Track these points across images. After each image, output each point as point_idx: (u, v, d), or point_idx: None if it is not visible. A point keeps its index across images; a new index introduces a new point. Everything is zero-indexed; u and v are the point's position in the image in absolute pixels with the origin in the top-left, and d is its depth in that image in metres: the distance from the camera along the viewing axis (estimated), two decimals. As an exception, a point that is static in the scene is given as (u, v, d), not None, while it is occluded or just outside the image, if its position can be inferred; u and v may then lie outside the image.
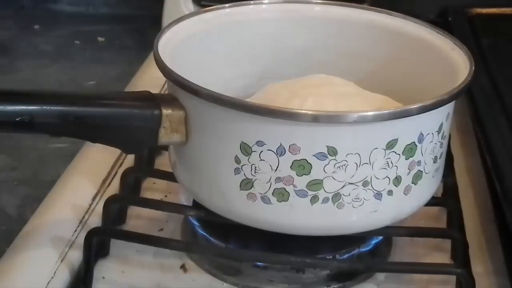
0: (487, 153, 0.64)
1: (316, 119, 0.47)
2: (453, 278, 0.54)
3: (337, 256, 0.55)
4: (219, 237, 0.57)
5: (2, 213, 0.96)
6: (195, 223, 0.58)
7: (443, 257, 0.58)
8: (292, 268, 0.55)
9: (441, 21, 0.96)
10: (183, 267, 0.57)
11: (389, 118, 0.48)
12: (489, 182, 0.64)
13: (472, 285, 0.52)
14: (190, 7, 1.05)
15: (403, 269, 0.56)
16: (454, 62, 0.56)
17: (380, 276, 0.56)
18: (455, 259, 0.57)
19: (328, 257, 0.55)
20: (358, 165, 0.49)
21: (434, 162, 0.53)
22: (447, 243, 0.58)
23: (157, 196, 0.64)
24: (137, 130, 0.51)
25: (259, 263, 0.55)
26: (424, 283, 0.56)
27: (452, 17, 0.94)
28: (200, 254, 0.57)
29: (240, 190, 0.50)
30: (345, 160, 0.48)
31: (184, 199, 0.61)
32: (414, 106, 0.48)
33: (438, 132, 0.52)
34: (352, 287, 0.55)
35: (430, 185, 0.54)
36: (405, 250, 0.58)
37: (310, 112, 0.48)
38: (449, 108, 0.52)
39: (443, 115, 0.52)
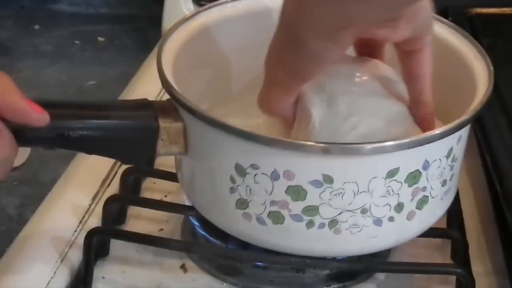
0: (487, 153, 0.64)
1: (314, 150, 0.46)
2: (453, 278, 0.54)
3: (337, 256, 0.55)
4: (219, 237, 0.57)
5: (2, 213, 0.96)
6: (195, 223, 0.58)
7: (443, 257, 0.58)
8: (292, 268, 0.55)
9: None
10: (183, 267, 0.57)
11: (392, 150, 0.46)
12: (489, 182, 0.64)
13: (472, 285, 0.52)
14: (190, 7, 1.04)
15: (403, 269, 0.56)
16: (475, 72, 0.53)
17: (380, 276, 0.56)
18: (455, 259, 0.57)
19: (328, 257, 0.55)
20: (356, 193, 0.47)
21: (442, 186, 0.51)
22: (447, 243, 0.58)
23: (157, 196, 0.64)
24: (134, 142, 0.50)
25: (259, 263, 0.55)
26: (424, 283, 0.56)
27: (452, 17, 0.94)
28: (200, 254, 0.57)
29: (236, 208, 0.50)
30: (342, 188, 0.47)
31: (184, 199, 0.61)
32: (417, 138, 0.46)
33: (447, 156, 0.49)
34: (352, 287, 0.55)
35: (438, 208, 0.52)
36: (405, 250, 0.58)
37: (304, 143, 0.46)
38: (460, 132, 0.50)
39: (453, 140, 0.49)
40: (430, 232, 0.58)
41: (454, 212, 0.60)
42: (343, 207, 0.48)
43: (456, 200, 0.62)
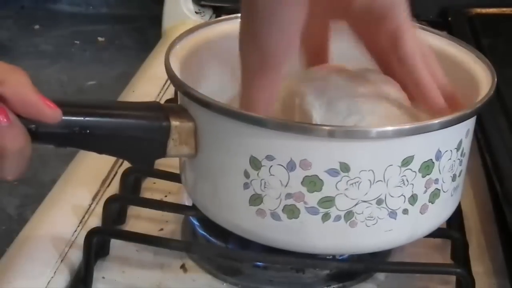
0: (487, 153, 0.64)
1: (331, 134, 0.46)
2: (453, 278, 0.54)
3: (337, 256, 0.55)
4: (219, 237, 0.57)
5: (2, 213, 0.96)
6: (195, 223, 0.58)
7: (443, 257, 0.58)
8: (292, 268, 0.55)
9: (441, 21, 0.96)
10: (183, 267, 0.57)
11: (409, 134, 0.47)
12: (489, 182, 0.64)
13: (472, 285, 0.52)
14: (190, 7, 1.05)
15: (403, 269, 0.56)
16: (476, 75, 0.54)
17: (380, 276, 0.56)
18: (455, 259, 0.57)
19: (328, 257, 0.55)
20: (372, 182, 0.47)
21: (452, 180, 0.51)
22: (447, 243, 0.58)
23: (157, 196, 0.64)
24: (145, 142, 0.50)
25: (259, 263, 0.55)
26: (424, 283, 0.56)
27: (452, 17, 0.94)
28: (200, 254, 0.57)
29: (249, 205, 0.50)
30: (358, 177, 0.47)
31: (184, 199, 0.61)
32: (434, 121, 0.47)
33: (457, 149, 0.50)
34: (352, 287, 0.55)
35: (448, 204, 0.53)
36: (405, 250, 0.58)
37: (325, 127, 0.46)
38: (469, 124, 0.51)
39: (462, 132, 0.50)
40: (430, 232, 0.59)
41: (454, 213, 0.60)
42: (359, 197, 0.48)
43: (456, 200, 0.62)
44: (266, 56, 0.47)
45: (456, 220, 0.59)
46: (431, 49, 0.51)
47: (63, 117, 0.46)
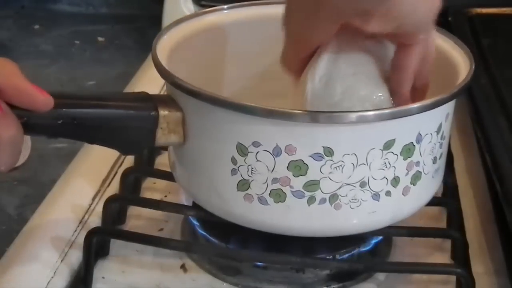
0: (487, 153, 0.64)
1: (314, 119, 0.47)
2: (453, 278, 0.54)
3: (337, 256, 0.55)
4: (219, 237, 0.57)
5: (2, 213, 0.96)
6: (195, 223, 0.58)
7: (443, 257, 0.58)
8: (292, 268, 0.55)
9: (441, 21, 0.96)
10: (183, 267, 0.57)
11: (388, 118, 0.48)
12: (489, 182, 0.64)
13: (472, 285, 0.52)
14: (190, 7, 1.05)
15: (403, 269, 0.56)
16: (455, 61, 0.56)
17: (380, 276, 0.56)
18: (455, 259, 0.57)
19: (328, 257, 0.55)
20: (355, 166, 0.48)
21: (433, 163, 0.52)
22: (447, 243, 0.58)
23: (157, 196, 0.64)
24: (134, 131, 0.51)
25: (259, 263, 0.55)
26: (424, 283, 0.56)
27: (452, 17, 0.94)
28: (200, 254, 0.57)
29: (237, 191, 0.50)
30: (342, 161, 0.48)
31: (184, 199, 0.61)
32: (413, 106, 0.48)
33: (437, 132, 0.51)
34: (352, 287, 0.55)
35: (429, 186, 0.54)
36: (405, 250, 0.58)
37: (308, 113, 0.48)
38: (448, 108, 0.52)
39: (442, 115, 0.52)
40: (430, 232, 0.59)
41: (454, 212, 0.60)
42: (343, 180, 0.49)
43: (456, 200, 0.62)
44: (303, 35, 0.50)
45: (456, 220, 0.59)
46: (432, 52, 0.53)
47: (54, 109, 0.47)
